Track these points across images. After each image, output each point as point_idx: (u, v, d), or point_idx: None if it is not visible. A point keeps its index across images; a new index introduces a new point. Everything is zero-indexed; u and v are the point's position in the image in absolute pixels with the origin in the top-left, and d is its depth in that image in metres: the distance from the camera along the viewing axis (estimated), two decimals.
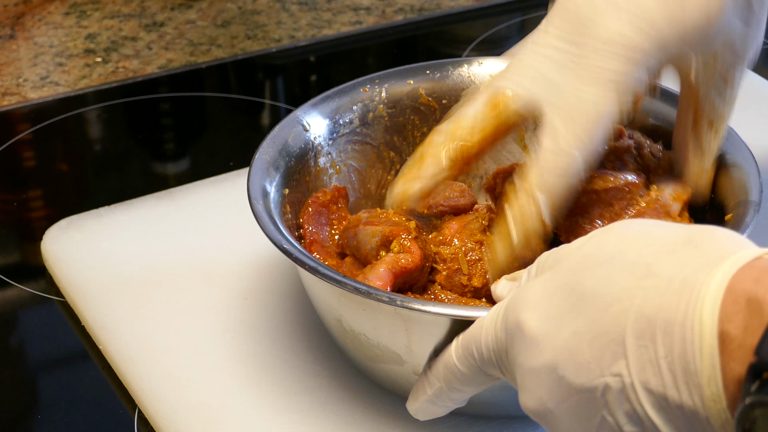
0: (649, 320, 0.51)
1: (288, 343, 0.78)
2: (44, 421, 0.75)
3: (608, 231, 0.57)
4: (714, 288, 0.50)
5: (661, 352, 0.51)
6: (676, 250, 0.53)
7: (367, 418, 0.72)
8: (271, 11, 1.21)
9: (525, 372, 0.57)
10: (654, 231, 0.55)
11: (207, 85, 1.12)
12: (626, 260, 0.54)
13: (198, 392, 0.74)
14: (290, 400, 0.73)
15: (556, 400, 0.55)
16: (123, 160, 1.03)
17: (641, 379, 0.51)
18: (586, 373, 0.53)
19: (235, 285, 0.82)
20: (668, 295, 0.51)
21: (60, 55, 1.13)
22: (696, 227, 0.55)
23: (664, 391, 0.51)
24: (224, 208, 0.88)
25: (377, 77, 0.84)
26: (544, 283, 0.57)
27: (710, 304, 0.50)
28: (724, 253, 0.52)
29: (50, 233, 0.87)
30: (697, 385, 0.50)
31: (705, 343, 0.49)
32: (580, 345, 0.54)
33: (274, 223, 0.72)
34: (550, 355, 0.55)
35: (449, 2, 1.22)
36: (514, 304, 0.58)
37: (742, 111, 1.00)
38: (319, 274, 0.68)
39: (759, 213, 0.71)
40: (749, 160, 0.76)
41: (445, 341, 0.66)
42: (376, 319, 0.68)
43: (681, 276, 0.51)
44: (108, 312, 0.80)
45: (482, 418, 0.72)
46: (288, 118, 0.80)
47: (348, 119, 0.82)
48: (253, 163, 0.76)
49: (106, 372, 0.78)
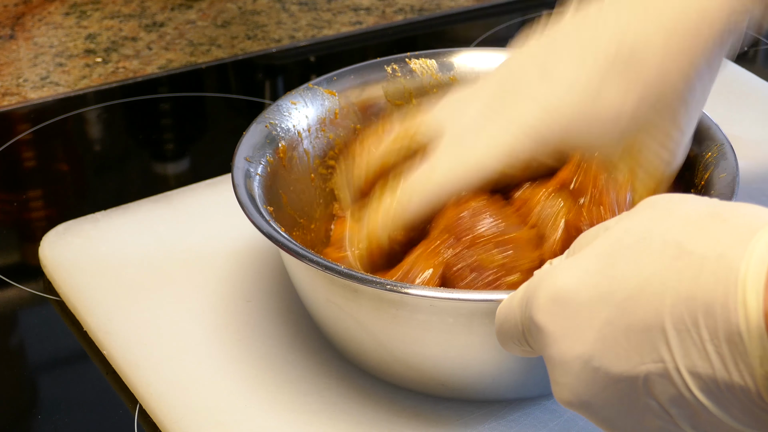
0: (687, 303, 0.50)
1: (294, 344, 0.78)
2: (44, 421, 0.75)
3: (635, 212, 0.56)
4: (754, 265, 0.49)
5: (705, 336, 0.50)
6: (704, 225, 0.52)
7: (379, 418, 0.72)
8: (271, 11, 1.21)
9: (556, 365, 0.56)
10: (679, 206, 0.54)
11: (207, 85, 1.12)
12: (655, 241, 0.53)
13: (206, 395, 0.74)
14: (301, 401, 0.73)
15: (594, 391, 0.54)
16: (123, 161, 1.03)
17: (686, 364, 0.51)
18: (625, 362, 0.52)
19: (238, 287, 0.82)
20: (704, 275, 0.50)
21: (60, 56, 1.13)
22: (718, 201, 0.54)
23: (714, 374, 0.50)
24: (223, 210, 0.88)
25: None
26: (570, 270, 0.56)
27: (753, 283, 0.49)
28: (752, 226, 0.51)
29: (48, 239, 0.87)
30: (748, 365, 0.49)
31: (752, 324, 0.48)
32: (615, 334, 0.53)
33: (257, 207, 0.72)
34: (583, 346, 0.54)
35: (449, 2, 1.22)
36: (539, 288, 0.57)
37: (742, 110, 1.00)
38: (306, 259, 0.68)
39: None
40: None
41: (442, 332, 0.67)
42: (361, 305, 0.69)
43: (714, 253, 0.50)
44: (110, 317, 0.80)
45: (496, 405, 0.72)
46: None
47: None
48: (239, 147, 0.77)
49: (106, 373, 0.78)
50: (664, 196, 0.56)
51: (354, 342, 0.72)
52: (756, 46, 1.16)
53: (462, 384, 0.71)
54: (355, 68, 0.85)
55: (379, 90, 0.84)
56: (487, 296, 0.65)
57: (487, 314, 0.64)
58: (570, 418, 0.72)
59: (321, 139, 0.82)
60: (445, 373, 0.70)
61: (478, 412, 0.72)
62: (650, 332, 0.51)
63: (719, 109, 0.80)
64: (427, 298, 0.66)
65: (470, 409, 0.72)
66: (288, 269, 0.76)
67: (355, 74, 0.85)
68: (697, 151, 0.76)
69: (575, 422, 0.71)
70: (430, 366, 0.70)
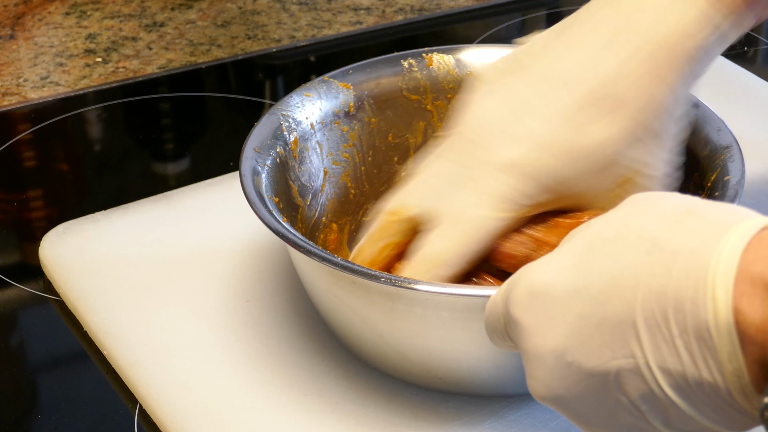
0: (658, 298, 0.50)
1: (294, 344, 0.78)
2: (44, 421, 0.75)
3: (617, 209, 0.56)
4: (724, 261, 0.49)
5: (675, 331, 0.49)
6: (680, 220, 0.52)
7: (379, 418, 0.72)
8: (271, 11, 1.21)
9: (530, 359, 0.56)
10: (658, 202, 0.54)
11: (207, 85, 1.12)
12: (631, 235, 0.53)
13: (206, 395, 0.74)
14: (301, 401, 0.73)
15: (566, 385, 0.54)
16: (123, 160, 1.03)
17: (657, 360, 0.50)
18: (597, 357, 0.52)
19: (238, 287, 0.82)
20: (676, 270, 0.50)
21: (60, 55, 1.13)
22: (698, 199, 0.54)
23: (683, 370, 0.50)
24: (223, 209, 0.88)
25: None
26: (548, 264, 0.56)
27: (722, 279, 0.48)
28: (727, 223, 0.50)
29: (48, 239, 0.87)
30: (717, 362, 0.49)
31: (721, 319, 0.48)
32: (588, 328, 0.53)
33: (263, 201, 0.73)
34: (556, 340, 0.54)
35: (449, 2, 1.22)
36: (517, 283, 0.57)
37: (742, 110, 1.00)
38: (311, 253, 0.68)
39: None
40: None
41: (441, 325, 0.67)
42: (365, 298, 0.69)
43: (687, 249, 0.50)
44: (110, 317, 0.80)
45: (496, 404, 0.72)
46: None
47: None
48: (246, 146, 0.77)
49: (106, 372, 0.78)
50: (646, 194, 0.56)
51: (354, 333, 0.73)
52: (756, 46, 1.16)
53: (458, 378, 0.71)
54: (371, 62, 0.85)
55: (395, 83, 0.85)
56: (479, 291, 0.65)
57: (482, 309, 0.65)
58: None
59: (335, 132, 0.83)
60: (442, 367, 0.70)
61: (478, 411, 0.72)
62: (622, 327, 0.51)
63: (719, 109, 0.80)
64: (422, 293, 0.66)
65: (470, 408, 0.73)
66: (292, 259, 0.76)
67: (370, 68, 0.85)
68: (708, 153, 0.76)
69: None
70: (428, 359, 0.70)
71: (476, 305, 0.66)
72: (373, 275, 0.67)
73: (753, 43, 1.16)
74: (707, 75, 0.72)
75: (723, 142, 0.76)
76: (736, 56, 1.12)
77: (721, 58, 1.06)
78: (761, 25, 1.18)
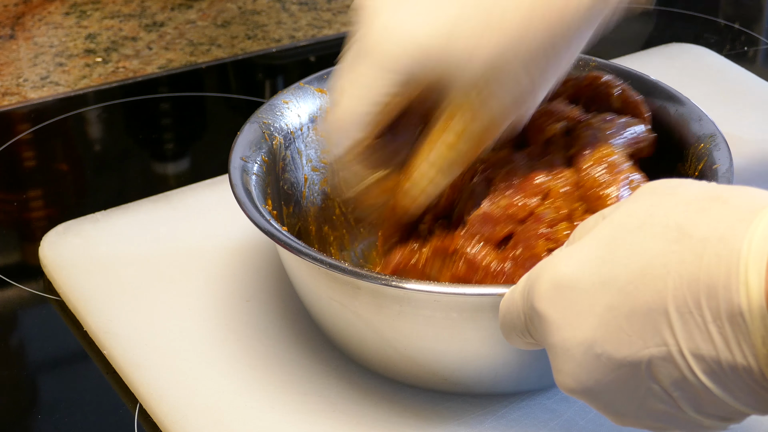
0: (689, 285, 0.51)
1: (293, 343, 0.78)
2: (44, 421, 0.75)
3: (634, 198, 0.56)
4: (756, 245, 0.49)
5: (708, 317, 0.50)
6: (705, 207, 0.52)
7: (379, 417, 0.72)
8: (271, 11, 1.21)
9: (558, 353, 0.56)
10: (678, 190, 0.54)
11: (207, 85, 1.12)
12: (656, 225, 0.53)
13: (206, 395, 0.74)
14: (300, 401, 0.73)
15: (596, 377, 0.54)
16: (123, 160, 1.03)
17: (690, 346, 0.51)
18: (628, 347, 0.53)
19: (237, 287, 0.82)
20: (706, 257, 0.50)
21: (60, 55, 1.13)
22: (717, 184, 0.54)
23: (717, 355, 0.50)
24: (223, 209, 0.88)
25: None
26: (571, 257, 0.56)
27: (755, 263, 0.49)
28: (753, 208, 0.51)
29: (48, 239, 0.87)
30: (751, 345, 0.49)
31: (754, 303, 0.49)
32: (617, 319, 0.53)
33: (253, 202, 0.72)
34: (584, 333, 0.54)
35: None
36: (539, 278, 0.57)
37: (742, 110, 1.00)
38: (300, 252, 0.68)
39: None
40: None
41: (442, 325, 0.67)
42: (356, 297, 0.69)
43: (716, 235, 0.51)
44: (111, 317, 0.80)
45: (496, 404, 0.73)
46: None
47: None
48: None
49: (106, 372, 0.78)
50: (663, 182, 0.56)
51: (356, 339, 0.72)
52: (756, 46, 1.16)
53: (465, 378, 0.71)
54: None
55: None
56: (490, 290, 0.65)
57: (492, 308, 0.65)
58: (570, 417, 0.72)
59: (313, 138, 0.82)
60: (448, 368, 0.70)
61: (479, 411, 0.72)
62: (653, 316, 0.52)
63: (719, 109, 0.80)
64: (431, 294, 0.66)
65: (470, 408, 0.73)
66: (287, 269, 0.76)
67: None
68: (690, 142, 0.76)
69: (575, 422, 0.71)
70: (434, 361, 0.70)
71: (486, 304, 0.65)
72: (381, 278, 0.66)
73: (753, 43, 1.16)
74: (707, 75, 0.71)
75: (706, 132, 0.76)
76: (736, 56, 1.12)
77: (721, 58, 1.06)
78: (761, 25, 1.18)
